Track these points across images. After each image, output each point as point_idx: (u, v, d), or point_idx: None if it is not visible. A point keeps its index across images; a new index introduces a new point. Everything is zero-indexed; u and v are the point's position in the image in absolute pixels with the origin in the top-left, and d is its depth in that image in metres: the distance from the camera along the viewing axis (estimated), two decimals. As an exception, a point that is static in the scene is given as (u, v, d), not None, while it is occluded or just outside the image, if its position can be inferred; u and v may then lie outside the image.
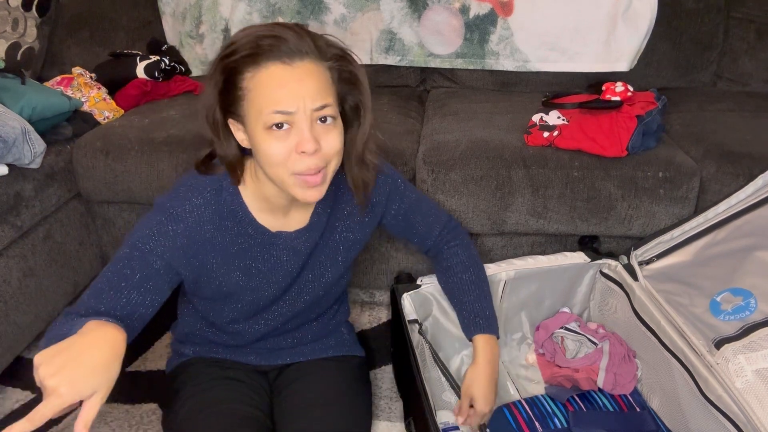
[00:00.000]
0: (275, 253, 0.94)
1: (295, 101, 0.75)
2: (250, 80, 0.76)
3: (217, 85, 0.79)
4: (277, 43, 0.75)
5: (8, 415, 1.26)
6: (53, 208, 1.43)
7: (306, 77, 0.76)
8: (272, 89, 0.75)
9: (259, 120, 0.77)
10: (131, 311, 0.83)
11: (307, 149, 0.76)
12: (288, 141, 0.77)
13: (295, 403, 1.00)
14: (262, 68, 0.76)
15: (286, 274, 0.96)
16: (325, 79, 0.79)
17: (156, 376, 1.36)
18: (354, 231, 1.01)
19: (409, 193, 1.05)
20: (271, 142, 0.77)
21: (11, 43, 1.78)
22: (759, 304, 1.03)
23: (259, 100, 0.76)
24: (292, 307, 1.01)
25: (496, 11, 1.73)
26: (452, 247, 1.11)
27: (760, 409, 0.92)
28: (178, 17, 1.90)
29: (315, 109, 0.77)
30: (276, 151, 0.77)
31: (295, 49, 0.76)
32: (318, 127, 0.78)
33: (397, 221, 1.05)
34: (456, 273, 1.10)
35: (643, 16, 1.68)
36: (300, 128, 0.77)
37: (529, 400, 1.23)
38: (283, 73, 0.75)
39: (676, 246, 1.25)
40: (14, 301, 1.30)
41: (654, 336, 1.17)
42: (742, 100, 1.68)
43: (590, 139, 1.33)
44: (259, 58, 0.75)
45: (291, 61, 0.76)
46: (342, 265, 1.02)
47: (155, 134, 1.47)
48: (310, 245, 0.96)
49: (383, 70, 1.88)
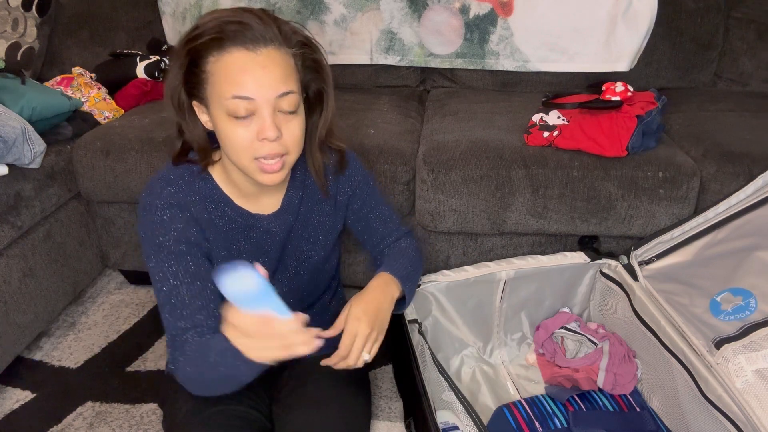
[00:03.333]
0: (254, 236, 0.96)
1: (258, 88, 0.76)
2: (213, 64, 0.77)
3: (182, 67, 0.80)
4: (242, 29, 0.76)
5: (8, 415, 1.26)
6: (53, 208, 1.43)
7: (270, 64, 0.77)
8: (235, 74, 0.76)
9: (221, 105, 0.78)
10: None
11: (268, 136, 0.78)
12: (250, 128, 0.79)
13: (294, 402, 1.00)
14: (225, 53, 0.76)
15: (267, 258, 0.98)
16: (289, 66, 0.80)
17: (156, 376, 1.36)
18: (328, 215, 1.03)
19: (376, 194, 1.08)
20: (234, 128, 0.79)
21: (11, 43, 1.78)
22: (759, 304, 1.03)
23: (222, 85, 0.77)
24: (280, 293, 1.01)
25: (496, 11, 1.73)
26: (401, 242, 1.10)
27: (760, 409, 0.93)
28: (178, 17, 1.90)
29: (278, 96, 0.78)
30: (239, 137, 0.79)
31: (260, 36, 0.77)
32: (280, 116, 0.80)
33: (358, 217, 1.08)
34: (395, 248, 1.08)
35: (643, 16, 1.68)
36: (262, 116, 0.78)
37: (529, 400, 1.23)
38: (246, 59, 0.76)
39: (676, 246, 1.25)
40: (14, 301, 1.30)
41: (654, 336, 1.17)
42: (742, 100, 1.68)
43: (590, 139, 1.33)
44: (223, 42, 0.76)
45: (255, 47, 0.76)
46: (323, 249, 1.04)
47: (155, 134, 1.47)
48: (286, 228, 0.98)
49: (383, 70, 1.88)
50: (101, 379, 1.36)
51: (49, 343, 1.48)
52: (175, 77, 0.82)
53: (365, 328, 0.87)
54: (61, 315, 1.57)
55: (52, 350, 1.45)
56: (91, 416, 1.26)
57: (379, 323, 0.90)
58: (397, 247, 1.10)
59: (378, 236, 1.11)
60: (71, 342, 1.48)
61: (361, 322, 0.87)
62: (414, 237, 1.15)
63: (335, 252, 1.09)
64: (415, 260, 1.08)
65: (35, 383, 1.35)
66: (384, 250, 1.12)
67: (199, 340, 0.81)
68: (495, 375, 1.34)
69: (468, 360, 1.36)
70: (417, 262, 1.09)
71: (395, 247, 1.11)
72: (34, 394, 1.32)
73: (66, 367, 1.39)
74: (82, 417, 1.25)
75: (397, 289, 0.98)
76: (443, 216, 1.39)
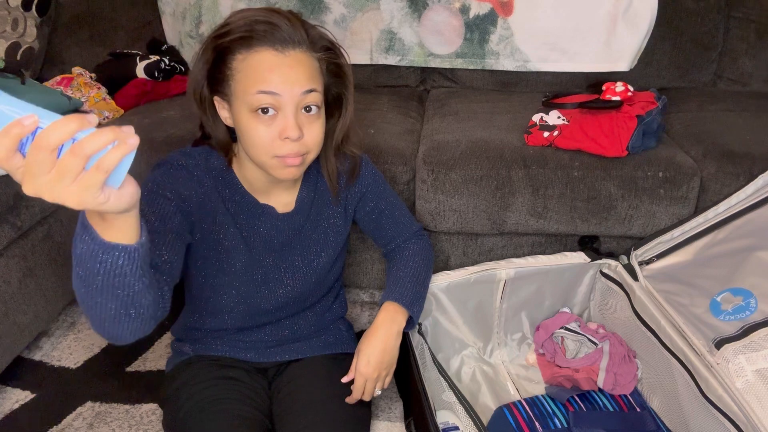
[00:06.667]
0: (261, 225, 0.96)
1: (284, 85, 0.78)
2: (241, 62, 0.78)
3: (207, 62, 0.82)
4: (271, 30, 0.77)
5: (8, 415, 1.26)
6: (53, 208, 1.43)
7: (296, 65, 0.79)
8: (262, 72, 0.77)
9: (245, 101, 0.79)
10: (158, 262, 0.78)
11: (291, 135, 0.79)
12: (273, 126, 0.80)
13: (294, 401, 1.00)
14: (253, 52, 0.78)
15: (273, 247, 0.98)
16: (314, 69, 0.82)
17: (156, 376, 1.36)
18: (339, 217, 1.04)
19: (387, 195, 1.08)
20: (256, 125, 0.80)
21: (11, 43, 1.78)
22: (759, 304, 1.03)
23: (247, 81, 0.78)
24: (289, 289, 1.02)
25: (496, 11, 1.73)
26: (410, 243, 1.13)
27: (760, 409, 0.93)
28: (178, 17, 1.90)
29: (303, 93, 0.79)
30: (260, 134, 0.80)
31: (288, 38, 0.78)
32: (302, 116, 0.81)
33: (370, 219, 1.09)
34: (402, 257, 1.11)
35: (643, 16, 1.68)
36: (285, 114, 0.79)
37: (529, 400, 1.23)
38: (274, 59, 0.78)
39: (676, 246, 1.25)
40: (14, 301, 1.30)
41: (654, 336, 1.17)
42: (742, 100, 1.68)
43: (590, 139, 1.33)
44: (252, 41, 0.78)
45: (283, 48, 0.78)
46: (333, 249, 1.04)
47: (155, 134, 1.47)
48: (296, 227, 0.99)
49: (383, 70, 1.88)
50: (101, 379, 1.36)
51: (49, 343, 1.48)
52: (200, 72, 0.83)
53: (373, 374, 0.98)
54: (61, 315, 1.57)
55: (52, 350, 1.45)
56: (91, 416, 1.26)
57: (386, 364, 1.00)
58: (405, 252, 1.11)
59: (388, 236, 1.12)
60: (71, 342, 1.48)
61: (369, 368, 0.97)
62: (424, 236, 1.16)
63: (343, 253, 1.10)
64: (422, 269, 1.10)
65: (35, 383, 1.35)
66: (394, 249, 1.14)
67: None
68: (495, 375, 1.34)
69: (468, 360, 1.36)
70: (425, 269, 1.11)
71: (403, 251, 1.12)
72: (34, 394, 1.32)
73: (66, 367, 1.39)
74: (82, 417, 1.25)
75: (404, 318, 1.02)
76: (443, 216, 1.39)
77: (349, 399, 1.00)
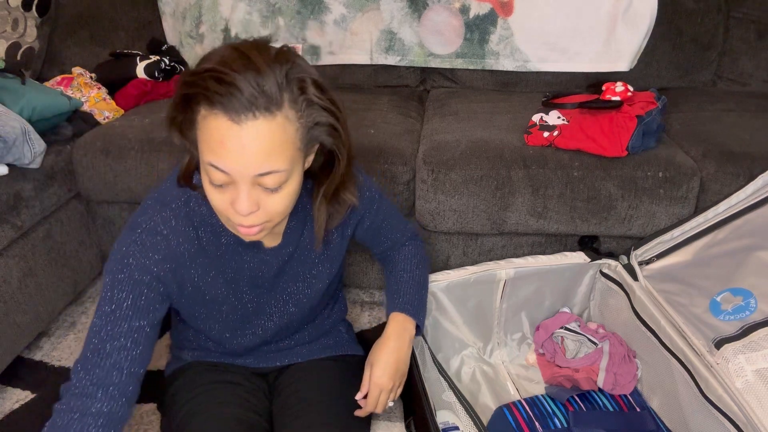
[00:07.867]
0: (247, 261, 0.92)
1: (234, 164, 0.68)
2: (202, 118, 0.69)
3: (177, 106, 0.72)
4: (229, 93, 0.65)
5: (8, 415, 1.26)
6: (53, 208, 1.43)
7: (252, 141, 0.66)
8: (213, 143, 0.68)
9: (202, 161, 0.71)
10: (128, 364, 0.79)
11: (240, 211, 0.71)
12: (226, 195, 0.72)
13: (294, 403, 1.00)
14: (211, 115, 0.67)
15: (262, 282, 0.94)
16: (280, 139, 0.68)
17: (155, 377, 1.35)
18: (332, 247, 0.99)
19: (384, 208, 1.04)
20: (211, 189, 0.73)
21: (11, 43, 1.78)
22: (759, 304, 1.03)
23: (203, 145, 0.70)
24: (280, 319, 1.00)
25: (496, 11, 1.73)
26: (405, 246, 1.12)
27: (760, 409, 0.93)
28: (178, 17, 1.90)
29: (257, 176, 0.69)
30: (215, 199, 0.73)
31: (248, 104, 0.65)
32: (260, 190, 0.72)
33: (367, 234, 1.06)
34: (400, 260, 1.10)
35: (643, 16, 1.68)
36: (238, 188, 0.70)
37: (529, 400, 1.23)
38: (227, 131, 0.66)
39: (676, 246, 1.25)
40: (14, 301, 1.30)
41: (654, 336, 1.17)
42: (742, 100, 1.68)
43: (590, 139, 1.33)
44: (210, 101, 0.66)
45: (239, 119, 0.65)
46: (327, 277, 1.01)
47: (155, 134, 1.47)
48: (284, 257, 0.94)
49: (383, 70, 1.88)
50: (101, 379, 1.36)
51: (49, 343, 1.48)
52: (172, 111, 0.73)
53: (388, 385, 0.98)
54: (61, 315, 1.57)
55: (52, 350, 1.45)
56: (91, 416, 1.26)
57: (401, 374, 1.00)
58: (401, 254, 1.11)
59: (386, 245, 1.11)
60: (71, 342, 1.48)
61: (384, 378, 0.97)
62: (418, 237, 1.16)
63: (340, 271, 1.08)
64: (421, 273, 1.09)
65: (35, 383, 1.35)
66: (389, 253, 1.13)
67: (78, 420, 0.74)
68: (495, 375, 1.34)
69: (468, 360, 1.36)
70: (423, 272, 1.11)
71: (399, 254, 1.11)
72: (34, 394, 1.32)
73: (66, 367, 1.39)
74: (82, 417, 1.25)
75: (413, 327, 1.03)
76: (443, 216, 1.39)
77: (360, 412, 0.99)
